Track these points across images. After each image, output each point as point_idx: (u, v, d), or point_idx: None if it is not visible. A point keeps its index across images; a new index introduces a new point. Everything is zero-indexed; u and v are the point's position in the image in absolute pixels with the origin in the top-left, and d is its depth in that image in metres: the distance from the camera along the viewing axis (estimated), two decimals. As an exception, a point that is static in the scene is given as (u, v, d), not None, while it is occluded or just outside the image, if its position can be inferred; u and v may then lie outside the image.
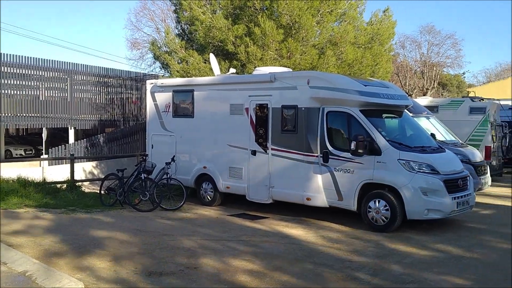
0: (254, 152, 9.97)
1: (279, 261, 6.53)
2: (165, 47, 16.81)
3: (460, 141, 12.61)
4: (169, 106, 11.56)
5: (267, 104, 9.86)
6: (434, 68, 40.41)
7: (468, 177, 8.85)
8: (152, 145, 11.94)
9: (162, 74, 18.67)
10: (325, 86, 9.10)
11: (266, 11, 14.65)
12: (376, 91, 9.06)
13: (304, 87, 9.30)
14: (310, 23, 14.53)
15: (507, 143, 16.61)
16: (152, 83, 12.10)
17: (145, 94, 12.87)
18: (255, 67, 12.69)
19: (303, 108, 9.30)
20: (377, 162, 8.38)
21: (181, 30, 17.51)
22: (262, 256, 6.74)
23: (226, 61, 14.43)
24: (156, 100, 11.86)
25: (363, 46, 16.18)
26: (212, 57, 12.37)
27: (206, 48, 15.04)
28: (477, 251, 7.11)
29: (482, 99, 16.11)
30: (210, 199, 10.87)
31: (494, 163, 14.79)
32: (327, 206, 9.12)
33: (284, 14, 14.23)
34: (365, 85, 9.10)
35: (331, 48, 15.21)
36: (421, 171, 8.18)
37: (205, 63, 14.72)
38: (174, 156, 10.78)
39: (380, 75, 16.67)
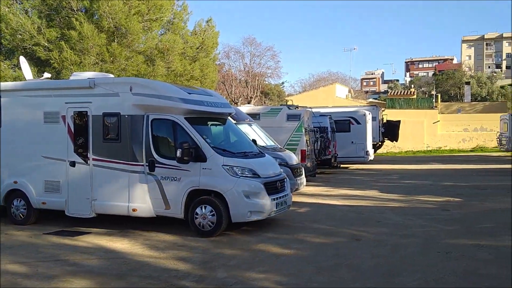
0: (73, 163, 9.27)
1: (101, 278, 6.15)
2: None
3: (279, 146, 13.56)
4: (-31, 115, 10.09)
5: (86, 112, 9.26)
6: (257, 78, 43.13)
7: (285, 179, 9.53)
8: None
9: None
10: (149, 94, 8.93)
11: (85, 13, 13.82)
12: (200, 99, 9.20)
13: (127, 94, 8.99)
14: (137, 29, 14.19)
15: (319, 147, 18.45)
16: None
17: None
18: (72, 73, 11.86)
19: (126, 116, 8.98)
20: (203, 168, 8.50)
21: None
22: (82, 275, 6.26)
23: (39, 68, 13.16)
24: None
25: (191, 57, 16.42)
26: (22, 60, 11.19)
27: (15, 52, 13.53)
28: (294, 247, 7.68)
29: (297, 107, 17.64)
30: (23, 217, 9.76)
31: (309, 165, 16.26)
32: (154, 216, 8.94)
33: (105, 17, 13.61)
34: (189, 93, 9.18)
35: (160, 56, 15.06)
36: (244, 175, 8.55)
37: (14, 68, 13.24)
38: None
39: (207, 84, 17.13)
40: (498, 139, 32.74)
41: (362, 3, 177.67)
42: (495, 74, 71.24)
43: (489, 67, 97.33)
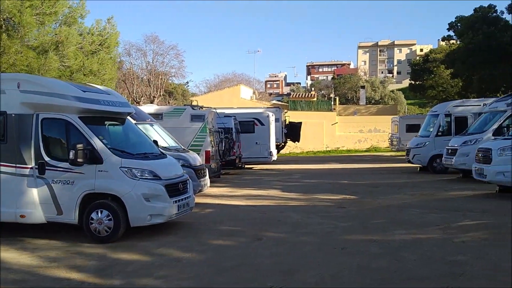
0: (-51, 168, 8.32)
1: (-21, 294, 5.56)
2: None
3: (182, 147, 13.34)
4: None
5: (-32, 111, 8.38)
6: (160, 77, 42.22)
7: (188, 181, 9.36)
8: None
9: None
10: (39, 91, 8.30)
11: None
12: (96, 98, 8.73)
13: (14, 92, 8.30)
14: (30, 22, 13.15)
15: (223, 148, 18.48)
16: None
17: None
18: None
19: (13, 115, 8.29)
20: (99, 171, 8.08)
21: None
22: (-44, 291, 5.62)
23: None
24: None
25: (90, 53, 15.59)
26: None
27: None
28: (196, 250, 7.56)
29: (202, 107, 17.52)
30: None
31: (213, 166, 16.21)
32: (45, 222, 8.33)
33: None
34: (84, 91, 8.67)
35: (54, 49, 14.09)
36: (144, 177, 8.25)
37: None
38: None
39: (106, 82, 16.38)
40: (389, 140, 35.25)
41: (265, 6, 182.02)
42: (387, 79, 76.56)
43: (382, 72, 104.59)
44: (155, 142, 10.27)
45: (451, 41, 38.41)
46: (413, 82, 56.67)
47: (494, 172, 12.01)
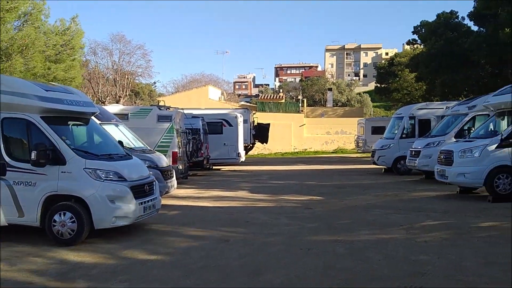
0: None
1: None
2: None
3: (149, 148, 13.17)
4: None
5: None
6: (127, 77, 41.56)
7: (154, 182, 9.24)
8: None
9: None
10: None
11: None
12: (59, 97, 8.51)
13: (-28, 90, 7.99)
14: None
15: (191, 149, 18.35)
16: None
17: None
18: None
19: (-29, 114, 7.99)
20: (62, 172, 7.89)
21: None
22: None
23: None
24: None
25: (54, 56, 15.20)
26: None
27: None
28: (162, 252, 7.47)
29: (169, 108, 17.35)
30: None
31: (180, 167, 16.07)
32: (6, 225, 8.07)
33: None
34: (47, 90, 8.45)
35: (18, 51, 13.66)
36: (108, 179, 8.10)
37: None
38: None
39: (73, 83, 16.02)
40: (356, 142, 35.83)
41: (233, 6, 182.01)
42: (353, 82, 77.85)
43: (348, 75, 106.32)
44: (120, 142, 10.10)
45: (416, 45, 39.39)
46: (378, 85, 57.91)
47: (455, 173, 12.36)
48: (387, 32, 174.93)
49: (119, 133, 12.11)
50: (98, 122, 10.21)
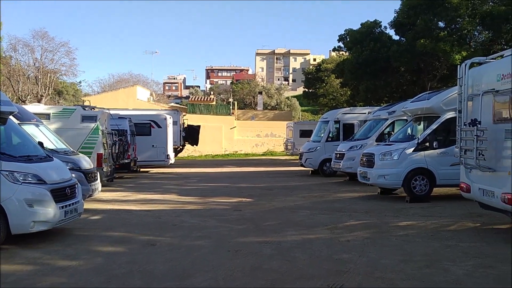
0: None
1: None
2: None
3: (71, 149, 12.60)
4: None
5: None
6: (49, 75, 39.59)
7: (76, 185, 8.87)
8: None
9: None
10: None
11: None
12: (-29, 95, 7.96)
13: None
14: None
15: (117, 150, 17.81)
16: None
17: None
18: None
19: None
20: (-26, 175, 7.36)
21: None
22: None
23: None
24: None
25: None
26: None
27: None
28: (84, 258, 7.17)
29: (94, 108, 16.74)
30: None
31: (105, 169, 15.54)
32: None
33: None
34: (-42, 87, 7.87)
35: None
36: (26, 182, 7.69)
37: None
38: None
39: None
40: (285, 144, 36.58)
41: (162, 6, 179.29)
42: (283, 86, 79.38)
43: (278, 79, 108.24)
44: (41, 144, 9.59)
45: (341, 52, 40.88)
46: (306, 89, 59.55)
47: (376, 175, 12.99)
48: (315, 38, 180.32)
49: (40, 133, 11.48)
50: (16, 122, 9.64)
